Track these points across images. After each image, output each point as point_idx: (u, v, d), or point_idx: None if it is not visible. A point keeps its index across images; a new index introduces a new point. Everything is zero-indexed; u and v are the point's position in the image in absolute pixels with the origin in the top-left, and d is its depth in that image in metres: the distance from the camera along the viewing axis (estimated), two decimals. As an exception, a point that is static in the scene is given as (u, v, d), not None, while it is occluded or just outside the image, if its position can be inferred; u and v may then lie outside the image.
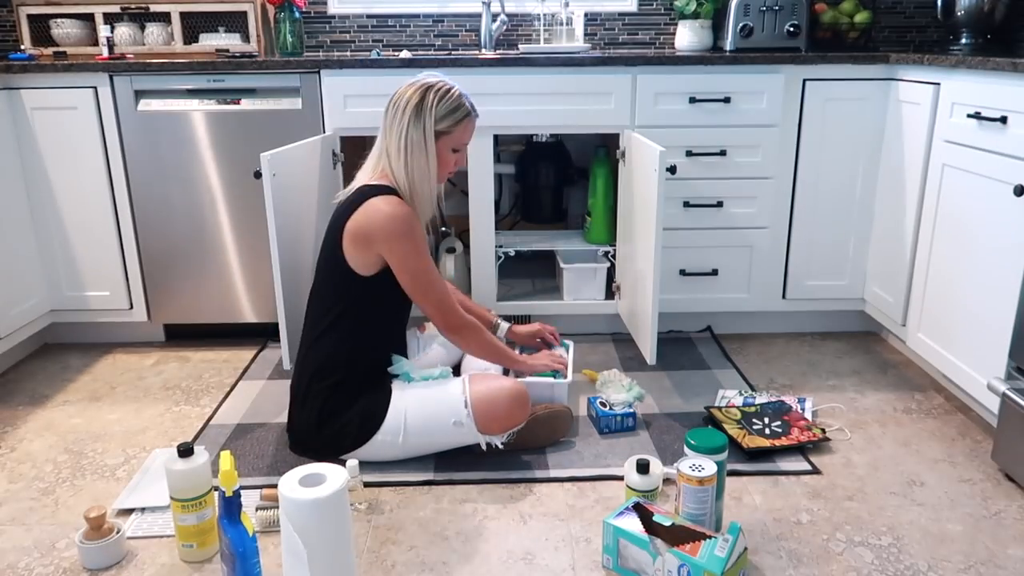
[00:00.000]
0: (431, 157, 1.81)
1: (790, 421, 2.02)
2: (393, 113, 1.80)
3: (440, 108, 1.79)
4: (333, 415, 1.81)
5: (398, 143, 1.79)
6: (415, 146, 1.79)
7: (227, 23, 2.80)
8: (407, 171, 1.80)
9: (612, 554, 1.51)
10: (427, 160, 1.80)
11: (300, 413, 1.86)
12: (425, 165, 1.80)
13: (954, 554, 1.57)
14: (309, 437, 1.86)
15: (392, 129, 1.80)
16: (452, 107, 1.81)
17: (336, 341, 1.83)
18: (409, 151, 1.79)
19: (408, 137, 1.78)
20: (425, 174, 1.81)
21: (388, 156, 1.82)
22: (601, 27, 2.99)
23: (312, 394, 1.83)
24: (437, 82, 1.81)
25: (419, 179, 1.81)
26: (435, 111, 1.79)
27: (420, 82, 1.81)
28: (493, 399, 1.81)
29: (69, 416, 2.18)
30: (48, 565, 1.56)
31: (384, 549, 1.59)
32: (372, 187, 1.80)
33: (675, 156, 2.42)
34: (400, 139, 1.79)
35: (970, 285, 2.00)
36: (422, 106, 1.78)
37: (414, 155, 1.79)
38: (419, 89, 1.79)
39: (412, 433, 1.81)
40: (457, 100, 1.82)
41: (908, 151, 2.29)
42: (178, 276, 2.55)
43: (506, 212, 3.02)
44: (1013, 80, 1.84)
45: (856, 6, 2.78)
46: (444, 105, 1.79)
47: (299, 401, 1.87)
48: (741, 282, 2.57)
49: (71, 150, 2.42)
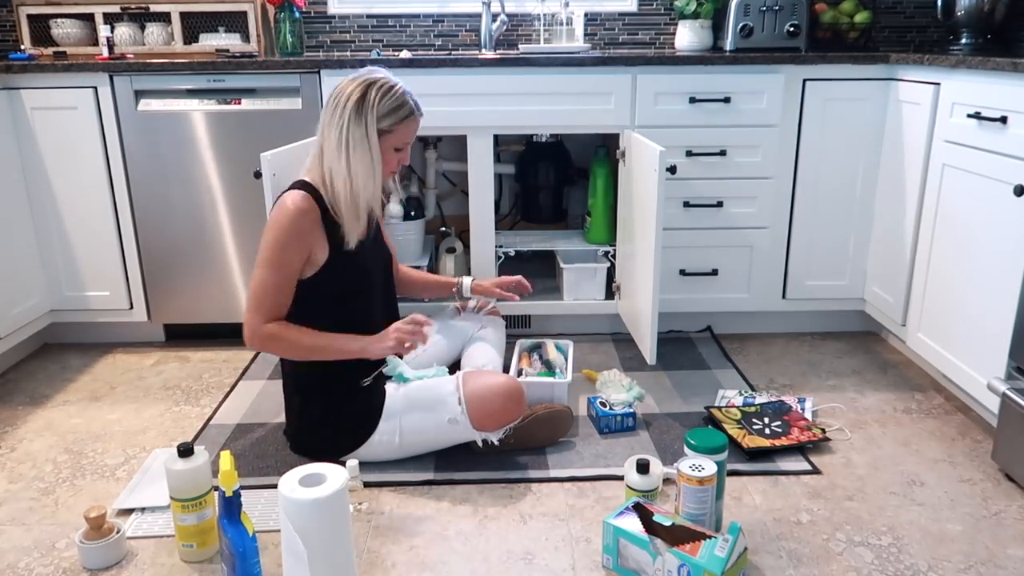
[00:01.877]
0: (375, 155, 1.74)
1: (790, 421, 2.02)
2: (333, 108, 1.72)
3: (382, 106, 1.72)
4: (324, 418, 1.81)
5: (338, 140, 1.71)
6: (357, 144, 1.71)
7: (227, 23, 2.80)
8: (348, 169, 1.72)
9: (612, 554, 1.51)
10: (371, 158, 1.73)
11: (290, 416, 1.88)
12: (369, 163, 1.73)
13: (954, 554, 1.57)
14: (305, 439, 1.87)
15: (331, 125, 1.72)
16: (395, 105, 1.74)
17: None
18: (351, 149, 1.71)
19: (349, 134, 1.70)
20: (369, 172, 1.74)
21: (323, 153, 1.75)
22: (601, 27, 2.99)
23: (297, 401, 1.84)
24: (380, 78, 1.74)
25: (362, 177, 1.73)
26: (377, 109, 1.71)
27: (363, 77, 1.74)
28: (487, 396, 1.80)
29: (69, 416, 2.18)
30: (48, 565, 1.56)
31: (384, 549, 1.59)
32: (299, 181, 1.77)
33: (675, 156, 2.42)
34: (340, 136, 1.71)
35: (970, 285, 2.00)
36: (363, 103, 1.71)
37: (356, 153, 1.72)
38: (360, 85, 1.72)
39: (408, 432, 1.81)
40: (400, 98, 1.75)
41: (908, 151, 2.29)
42: (178, 276, 2.55)
43: (506, 212, 3.02)
44: (1013, 80, 1.84)
45: (856, 6, 2.78)
46: (386, 103, 1.73)
47: (289, 407, 1.88)
48: (741, 282, 2.57)
49: (71, 150, 2.42)
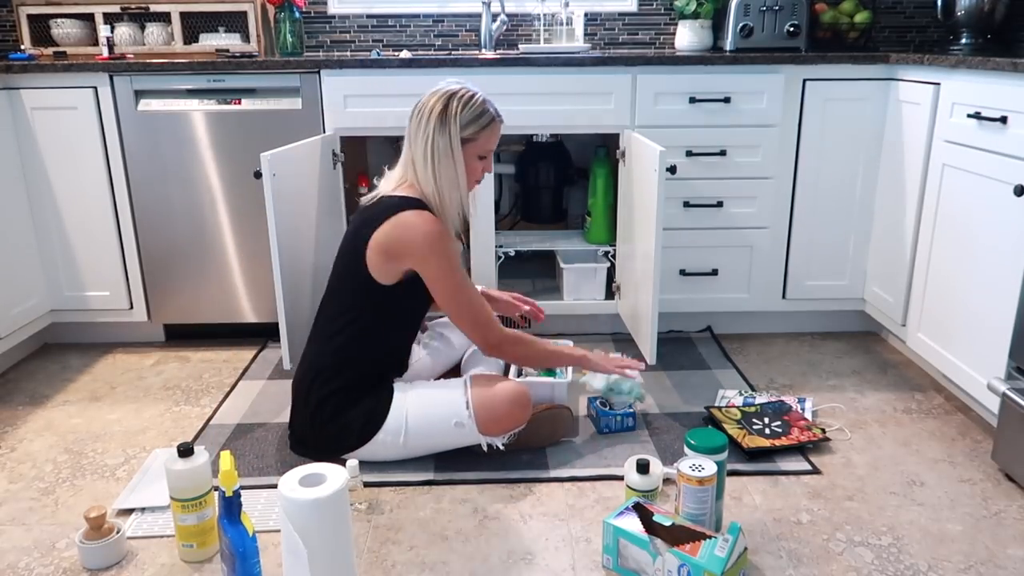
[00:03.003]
0: (459, 165, 1.78)
1: (790, 421, 2.02)
2: (418, 122, 1.78)
3: (465, 115, 1.77)
4: (335, 415, 1.81)
5: (424, 152, 1.77)
6: (442, 154, 1.76)
7: (227, 23, 2.80)
8: (435, 180, 1.77)
9: (612, 554, 1.51)
10: (455, 168, 1.78)
11: (303, 411, 1.86)
12: (453, 173, 1.78)
13: (954, 554, 1.57)
14: (310, 436, 1.86)
15: (417, 138, 1.78)
16: (477, 113, 1.78)
17: (346, 344, 1.82)
18: (436, 159, 1.76)
19: (434, 145, 1.76)
20: (454, 182, 1.79)
21: (414, 166, 1.80)
22: (601, 27, 2.99)
23: (316, 393, 1.83)
24: (460, 89, 1.79)
25: (447, 188, 1.79)
26: (460, 118, 1.76)
27: (443, 90, 1.79)
28: (494, 400, 1.81)
29: (69, 416, 2.18)
30: (48, 565, 1.56)
31: (384, 549, 1.59)
32: (401, 199, 1.78)
33: (675, 156, 2.42)
34: (426, 147, 1.76)
35: (970, 285, 2.00)
36: (446, 114, 1.75)
37: (441, 163, 1.77)
38: (442, 97, 1.77)
39: (413, 434, 1.81)
40: (481, 106, 1.79)
41: (908, 151, 2.29)
42: (178, 276, 2.55)
43: (506, 212, 3.02)
44: (1013, 80, 1.84)
45: (856, 6, 2.78)
46: (468, 112, 1.77)
47: (302, 399, 1.87)
48: (741, 282, 2.57)
49: (71, 150, 2.42)
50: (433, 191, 1.79)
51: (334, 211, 2.45)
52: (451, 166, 1.78)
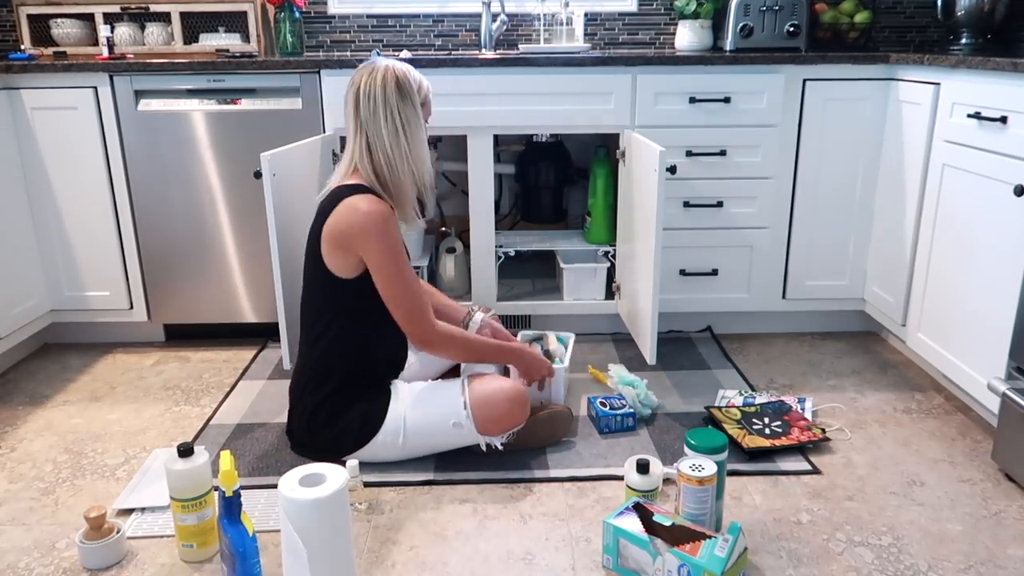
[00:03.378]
0: (423, 131, 1.80)
1: (790, 421, 2.02)
2: (373, 103, 1.74)
3: (415, 81, 1.79)
4: (332, 418, 1.81)
5: (393, 127, 1.75)
6: (411, 123, 1.76)
7: (227, 23, 2.80)
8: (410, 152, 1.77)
9: (612, 554, 1.51)
10: (423, 134, 1.79)
11: (299, 417, 1.86)
12: (423, 137, 1.79)
13: (954, 554, 1.57)
14: (309, 440, 1.86)
15: (378, 117, 1.74)
16: (419, 79, 1.81)
17: (330, 346, 1.81)
18: (408, 132, 1.76)
19: (404, 118, 1.75)
20: (424, 150, 1.80)
21: (370, 151, 1.76)
22: (601, 27, 2.99)
23: (310, 399, 1.83)
24: (389, 63, 1.78)
25: (422, 157, 1.79)
26: (413, 84, 1.77)
27: (381, 67, 1.76)
28: (492, 400, 1.81)
29: (69, 416, 2.18)
30: (48, 565, 1.56)
31: (384, 549, 1.59)
32: (348, 187, 1.76)
33: (675, 156, 2.42)
34: (395, 122, 1.74)
35: (970, 285, 2.00)
36: (402, 84, 1.75)
37: (412, 134, 1.76)
38: (389, 72, 1.76)
39: (412, 434, 1.81)
40: (417, 73, 1.82)
41: (908, 151, 2.29)
42: (178, 276, 2.55)
43: (506, 212, 3.02)
44: (1013, 80, 1.84)
45: (856, 6, 2.78)
46: (415, 78, 1.80)
47: (297, 404, 1.87)
48: (741, 282, 2.57)
49: (71, 150, 2.42)
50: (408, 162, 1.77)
51: (334, 211, 2.45)
52: (420, 131, 1.79)
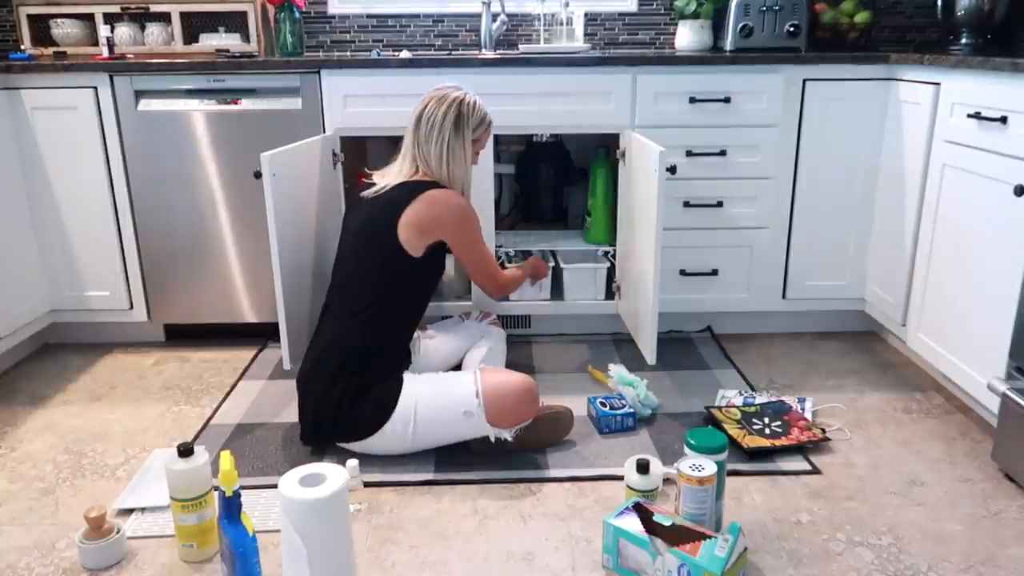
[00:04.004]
0: (469, 162, 2.01)
1: (790, 421, 2.02)
2: (429, 128, 1.96)
3: (474, 119, 1.99)
4: (351, 401, 1.82)
5: (439, 153, 1.96)
6: (456, 155, 1.98)
7: (227, 23, 2.80)
8: (449, 177, 1.98)
9: (612, 554, 1.51)
10: (466, 165, 2.01)
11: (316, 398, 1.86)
12: (464, 169, 2.01)
13: (954, 554, 1.57)
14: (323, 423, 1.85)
15: (431, 142, 1.96)
16: (482, 117, 2.02)
17: (370, 323, 1.88)
18: (452, 160, 1.97)
19: (450, 149, 1.97)
20: (466, 176, 2.02)
21: (428, 162, 1.97)
22: (601, 27, 2.99)
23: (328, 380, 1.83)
24: (465, 95, 1.99)
25: (459, 182, 2.00)
26: (471, 122, 1.98)
27: (450, 96, 1.97)
28: (504, 392, 1.83)
29: (69, 416, 2.18)
30: (48, 565, 1.56)
31: (384, 549, 1.59)
32: (424, 182, 1.95)
33: (675, 156, 2.42)
34: (442, 150, 1.96)
35: (970, 285, 2.00)
36: (460, 120, 1.96)
37: (455, 162, 1.98)
38: (454, 103, 1.96)
39: (422, 421, 1.82)
40: (483, 111, 2.02)
41: (908, 151, 2.29)
42: (178, 276, 2.55)
43: (506, 212, 3.02)
44: (1013, 80, 1.83)
45: (856, 6, 2.78)
46: (476, 117, 2.00)
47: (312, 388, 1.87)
48: (741, 282, 2.57)
49: (71, 150, 2.42)
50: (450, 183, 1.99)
51: (334, 211, 2.45)
52: (463, 165, 2.00)
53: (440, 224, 1.92)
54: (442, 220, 1.92)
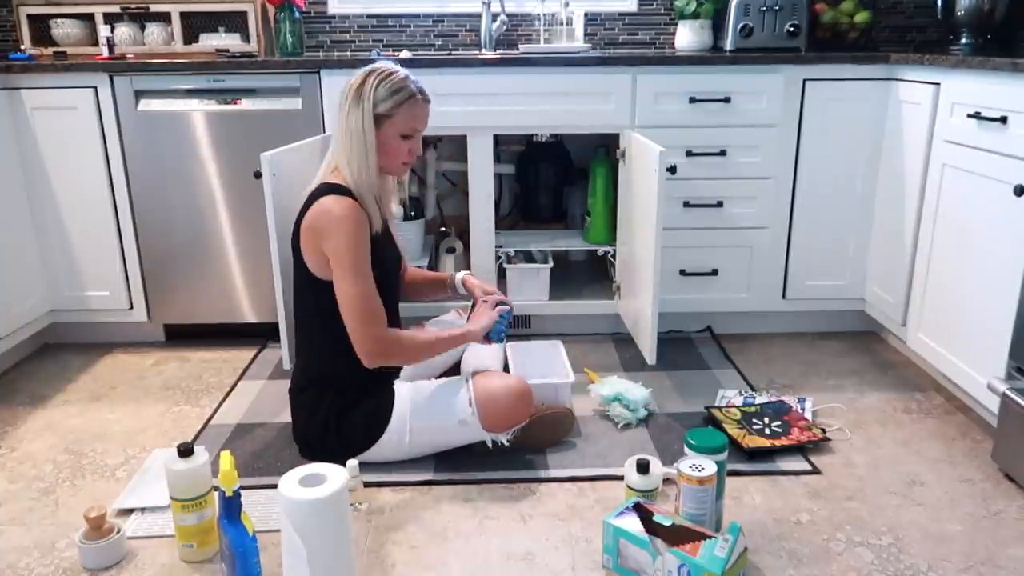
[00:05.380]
0: (369, 142, 1.73)
1: (790, 421, 2.02)
2: (340, 101, 1.75)
3: (380, 90, 1.72)
4: (339, 420, 1.80)
5: (340, 130, 1.74)
6: (354, 131, 1.72)
7: (227, 23, 2.80)
8: (347, 157, 1.74)
9: (612, 554, 1.51)
10: (365, 145, 1.73)
11: (304, 420, 1.85)
12: (363, 150, 1.73)
13: (954, 554, 1.57)
14: (315, 442, 1.85)
15: (338, 117, 1.75)
16: (393, 88, 1.73)
17: (324, 348, 1.81)
18: (350, 136, 1.73)
19: (348, 122, 1.72)
20: (363, 160, 1.74)
21: (337, 148, 1.77)
22: (601, 27, 2.99)
23: (314, 401, 1.82)
24: (381, 66, 1.76)
25: (357, 165, 1.74)
26: (375, 93, 1.72)
27: (367, 68, 1.76)
28: (497, 397, 1.81)
29: (69, 416, 2.18)
30: (48, 565, 1.56)
31: (384, 549, 1.59)
32: (326, 186, 1.75)
33: (675, 156, 2.42)
34: (343, 125, 1.73)
35: (970, 285, 2.00)
36: (362, 89, 1.72)
37: (354, 140, 1.72)
38: (361, 74, 1.74)
39: (417, 433, 1.81)
40: (400, 83, 1.74)
41: (908, 151, 2.29)
42: (178, 276, 2.55)
43: (506, 212, 3.02)
44: (1013, 80, 1.83)
45: (856, 6, 2.78)
46: (385, 87, 1.72)
47: (300, 408, 1.86)
48: (741, 282, 2.57)
49: (71, 150, 2.42)
50: (348, 171, 1.74)
51: (334, 211, 2.45)
52: (362, 143, 1.73)
53: (320, 236, 1.68)
54: (321, 230, 1.68)
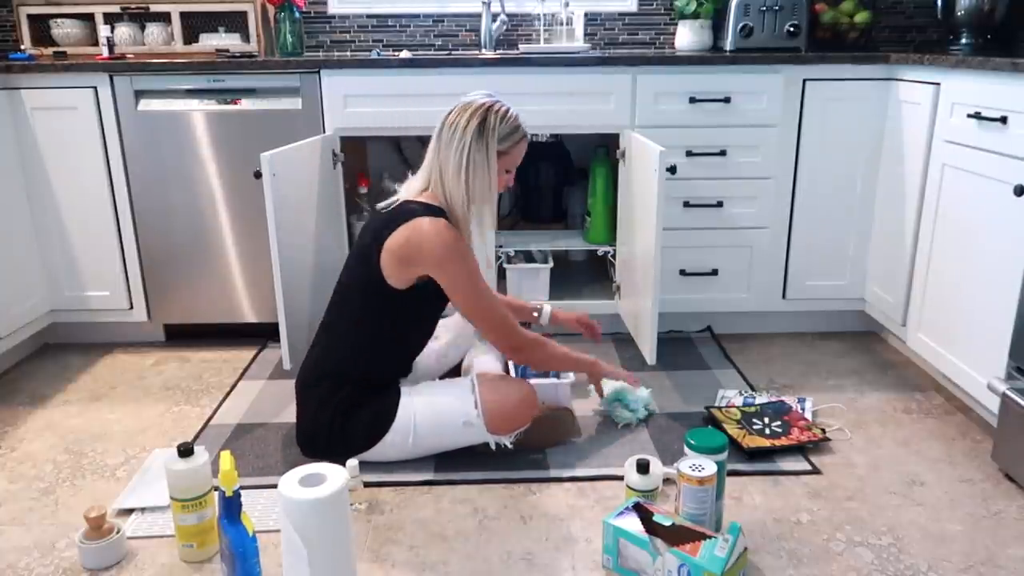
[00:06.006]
0: (492, 176, 1.82)
1: (790, 421, 2.02)
2: (451, 134, 1.80)
3: (502, 129, 1.80)
4: (343, 417, 1.81)
5: (458, 163, 1.79)
6: (477, 166, 1.79)
7: (227, 23, 2.80)
8: (467, 192, 1.80)
9: (612, 554, 1.51)
10: (489, 179, 1.81)
11: (311, 414, 1.85)
12: (487, 184, 1.82)
13: (954, 554, 1.57)
14: (319, 437, 1.85)
15: (450, 149, 1.79)
16: (512, 128, 1.82)
17: (360, 347, 1.83)
18: (471, 171, 1.79)
19: (470, 157, 1.78)
20: (487, 192, 1.83)
21: (442, 176, 1.81)
22: (601, 27, 2.99)
23: (325, 395, 1.82)
24: (495, 103, 1.82)
25: (479, 198, 1.82)
26: (497, 131, 1.79)
27: (479, 103, 1.81)
28: (502, 399, 1.82)
29: (69, 416, 2.18)
30: (48, 565, 1.56)
31: (384, 549, 1.59)
32: (422, 206, 1.80)
33: (675, 156, 2.42)
34: (461, 159, 1.78)
35: (970, 285, 2.00)
36: (484, 127, 1.79)
37: (476, 175, 1.80)
38: (480, 110, 1.80)
39: (422, 434, 1.81)
40: (516, 121, 1.83)
41: (908, 151, 2.29)
42: (178, 276, 2.55)
43: (506, 212, 3.02)
44: (1013, 80, 1.83)
45: (856, 6, 2.78)
46: (505, 126, 1.81)
47: (311, 401, 1.86)
48: (741, 282, 2.57)
49: (71, 150, 2.42)
50: (461, 202, 1.81)
51: (334, 211, 2.45)
52: (485, 178, 1.81)
53: (420, 256, 1.75)
54: (422, 252, 1.75)
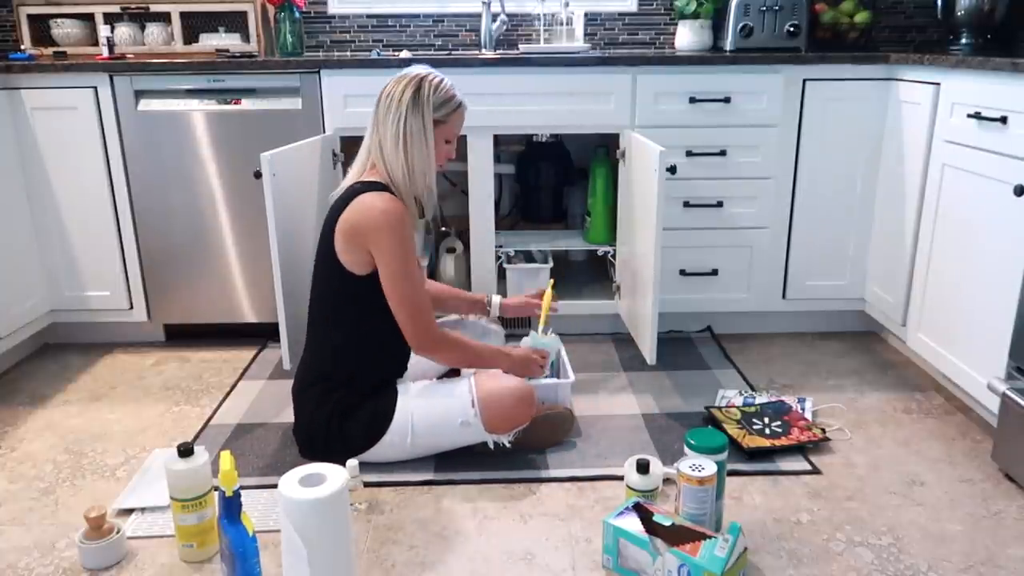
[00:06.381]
0: (430, 144, 1.81)
1: (790, 421, 2.02)
2: (387, 105, 1.80)
3: (436, 97, 1.80)
4: (341, 419, 1.81)
5: (395, 134, 1.79)
6: (414, 135, 1.79)
7: (227, 23, 2.80)
8: (406, 162, 1.79)
9: (612, 554, 1.51)
10: (427, 148, 1.81)
11: (307, 417, 1.85)
12: (425, 154, 1.81)
13: (954, 554, 1.57)
14: (317, 439, 1.85)
15: (387, 121, 1.80)
16: (447, 96, 1.83)
17: (341, 345, 1.82)
18: (409, 141, 1.79)
19: (407, 126, 1.78)
20: (425, 163, 1.82)
21: (381, 150, 1.82)
22: (601, 27, 2.99)
23: (318, 398, 1.82)
24: (429, 73, 1.83)
25: (419, 169, 1.81)
26: (432, 100, 1.80)
27: (413, 74, 1.82)
28: (500, 398, 1.82)
29: (69, 416, 2.18)
30: (48, 565, 1.56)
31: (384, 549, 1.59)
32: (364, 184, 1.80)
33: (675, 156, 2.42)
34: (397, 129, 1.79)
35: (970, 285, 2.00)
36: (419, 96, 1.79)
37: (414, 144, 1.79)
38: (414, 80, 1.81)
39: (420, 434, 1.81)
40: (451, 91, 1.84)
41: (908, 151, 2.29)
42: (178, 276, 2.55)
43: (506, 212, 3.02)
44: (1013, 80, 1.83)
45: (856, 6, 2.78)
46: (440, 95, 1.81)
47: (306, 404, 1.86)
48: (741, 282, 2.57)
49: (71, 150, 2.42)
50: (402, 173, 1.80)
51: (334, 211, 2.45)
52: (424, 147, 1.80)
53: (363, 232, 1.73)
54: (364, 227, 1.73)
